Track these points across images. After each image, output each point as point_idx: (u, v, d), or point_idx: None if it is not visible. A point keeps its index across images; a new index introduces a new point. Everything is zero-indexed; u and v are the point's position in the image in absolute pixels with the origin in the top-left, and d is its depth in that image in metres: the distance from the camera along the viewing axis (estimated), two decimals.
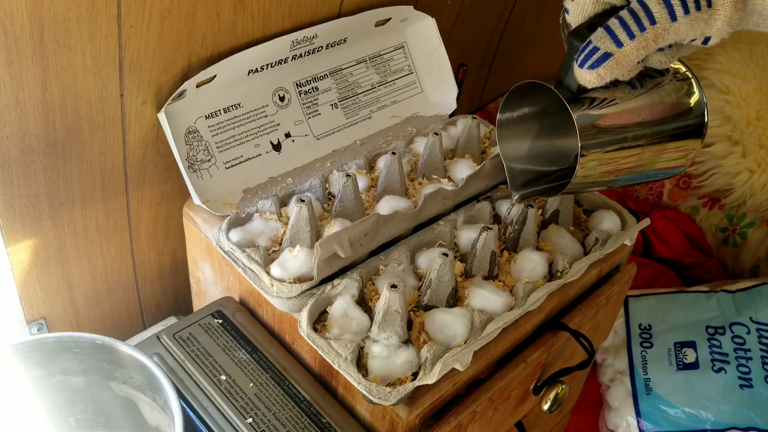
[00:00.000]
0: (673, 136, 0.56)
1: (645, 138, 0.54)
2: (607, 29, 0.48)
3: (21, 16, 0.51)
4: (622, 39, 0.48)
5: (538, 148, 0.63)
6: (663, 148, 0.56)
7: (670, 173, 0.59)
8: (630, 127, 0.53)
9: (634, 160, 0.55)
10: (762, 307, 0.99)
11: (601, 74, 0.48)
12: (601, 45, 0.48)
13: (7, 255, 0.63)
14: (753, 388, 0.92)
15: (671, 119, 0.55)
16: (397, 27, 0.81)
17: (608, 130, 0.52)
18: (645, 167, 0.56)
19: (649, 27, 0.47)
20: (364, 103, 0.80)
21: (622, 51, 0.48)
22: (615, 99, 0.53)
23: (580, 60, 0.49)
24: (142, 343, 0.60)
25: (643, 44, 0.48)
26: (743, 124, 1.12)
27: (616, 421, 0.99)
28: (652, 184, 1.25)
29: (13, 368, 0.52)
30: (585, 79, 0.49)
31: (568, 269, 0.62)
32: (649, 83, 0.54)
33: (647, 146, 0.55)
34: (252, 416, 0.55)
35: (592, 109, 0.52)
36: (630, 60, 0.48)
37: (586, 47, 0.49)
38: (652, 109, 0.54)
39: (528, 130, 0.62)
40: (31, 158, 0.59)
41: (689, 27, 0.47)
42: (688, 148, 0.58)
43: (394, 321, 0.54)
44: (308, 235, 0.60)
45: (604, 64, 0.48)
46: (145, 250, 0.74)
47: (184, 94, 0.64)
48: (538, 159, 0.63)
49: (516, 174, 0.62)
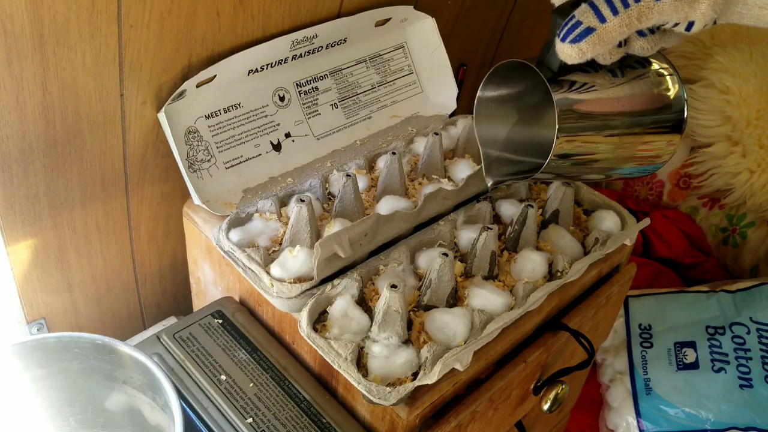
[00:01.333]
0: (651, 128, 0.55)
1: (623, 128, 0.54)
2: (590, 4, 0.48)
3: (21, 16, 0.51)
4: (606, 14, 0.47)
5: (515, 135, 0.62)
6: (640, 140, 0.55)
7: (647, 169, 0.59)
8: (609, 115, 0.53)
9: (610, 149, 0.54)
10: (762, 307, 0.99)
11: (582, 49, 0.48)
12: (584, 19, 0.48)
13: (7, 255, 0.63)
14: (753, 388, 0.92)
15: (650, 112, 0.55)
16: (397, 27, 0.81)
17: (586, 115, 0.52)
18: (620, 159, 0.56)
19: (633, 4, 0.47)
20: (364, 103, 0.80)
21: (605, 27, 0.47)
22: (595, 85, 0.52)
23: (562, 34, 0.49)
24: (142, 343, 0.60)
25: (627, 21, 0.47)
26: (743, 124, 1.11)
27: (616, 421, 0.99)
28: (652, 184, 1.25)
29: (13, 368, 0.52)
30: (566, 54, 0.49)
31: (568, 269, 0.62)
32: (630, 73, 0.54)
33: (625, 136, 0.54)
34: (252, 416, 0.55)
35: (571, 92, 0.51)
36: (612, 36, 0.48)
37: (568, 21, 0.48)
38: (632, 100, 0.54)
39: (507, 116, 0.61)
40: (31, 158, 0.59)
41: (673, 8, 0.47)
42: (666, 143, 0.57)
43: (394, 321, 0.54)
44: (308, 235, 0.60)
45: (587, 39, 0.48)
46: (145, 250, 0.74)
47: (184, 94, 0.64)
48: (515, 147, 0.62)
49: (492, 160, 0.61)
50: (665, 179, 1.24)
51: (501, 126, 0.61)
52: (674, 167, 1.23)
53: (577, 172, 0.56)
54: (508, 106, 0.60)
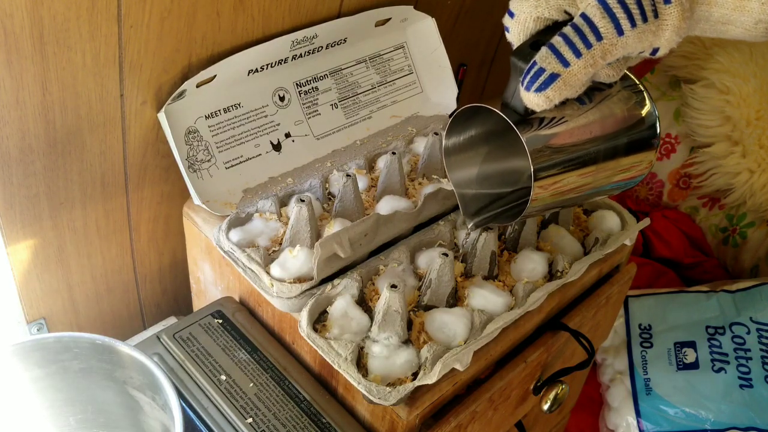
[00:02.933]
0: (626, 149, 0.54)
1: (598, 154, 0.52)
2: (551, 48, 0.46)
3: (21, 16, 0.51)
4: (569, 58, 0.45)
5: (488, 170, 0.60)
6: (618, 163, 0.54)
7: (627, 185, 0.57)
8: (582, 144, 0.51)
9: (590, 178, 0.53)
10: (762, 307, 0.99)
11: (549, 96, 0.46)
12: (547, 66, 0.46)
13: (7, 255, 0.63)
14: (753, 388, 0.92)
15: (623, 132, 0.53)
16: (397, 27, 0.81)
17: (560, 150, 0.50)
18: (601, 183, 0.54)
19: (595, 43, 0.45)
20: (364, 103, 0.80)
21: (569, 71, 0.45)
22: (564, 117, 0.50)
23: (525, 83, 0.46)
24: (142, 343, 0.60)
25: (591, 62, 0.45)
26: (743, 124, 1.12)
27: (616, 421, 0.99)
28: (652, 185, 1.25)
29: (13, 368, 0.52)
30: (533, 103, 0.47)
31: (568, 269, 0.62)
32: (597, 97, 0.52)
33: (601, 162, 0.53)
34: (252, 416, 0.55)
35: (541, 129, 0.49)
36: (578, 79, 0.46)
37: (530, 69, 0.46)
38: (603, 123, 0.52)
39: (476, 153, 0.59)
40: (31, 158, 0.59)
41: (637, 40, 0.45)
42: (643, 159, 0.56)
43: (394, 321, 0.54)
44: (308, 235, 0.60)
45: (552, 86, 0.46)
46: (145, 250, 0.74)
47: (184, 94, 0.64)
48: (489, 181, 0.60)
49: (468, 200, 0.59)
50: (665, 179, 1.24)
51: (472, 164, 0.59)
52: (674, 167, 1.23)
53: (559, 204, 0.55)
54: (476, 144, 0.59)
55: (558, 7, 0.48)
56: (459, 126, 0.56)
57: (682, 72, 1.20)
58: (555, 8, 0.48)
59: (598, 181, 0.54)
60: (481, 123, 0.57)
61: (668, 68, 1.22)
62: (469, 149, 0.58)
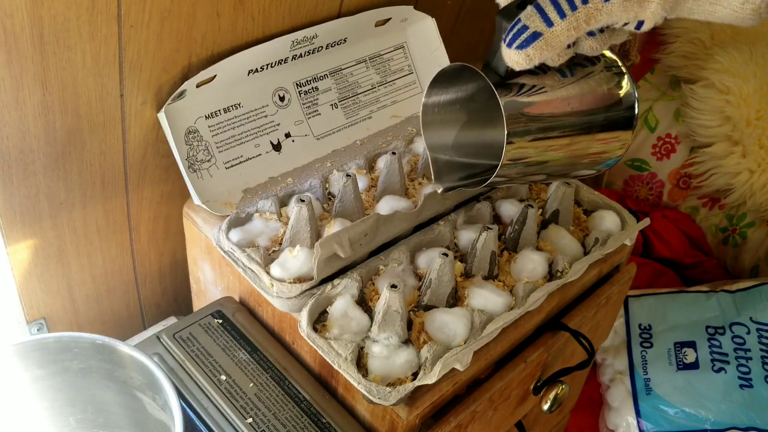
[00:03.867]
0: (602, 126, 0.54)
1: (574, 128, 0.52)
2: (537, 7, 0.46)
3: (21, 16, 0.51)
4: (553, 18, 0.45)
5: (464, 138, 0.60)
6: (592, 138, 0.54)
7: (602, 165, 0.57)
8: (559, 116, 0.51)
9: (562, 151, 0.53)
10: (762, 307, 0.99)
11: (530, 55, 0.46)
12: (531, 24, 0.46)
13: (7, 255, 0.63)
14: (753, 388, 0.92)
15: (601, 110, 0.54)
16: (397, 27, 0.81)
17: (536, 118, 0.50)
18: (573, 159, 0.55)
19: (581, 6, 0.45)
20: (364, 103, 0.80)
21: (552, 31, 0.46)
22: (544, 86, 0.51)
23: (508, 39, 0.47)
24: (142, 343, 0.60)
25: (575, 24, 0.45)
26: (743, 124, 1.12)
27: (616, 421, 0.99)
28: (652, 184, 1.25)
29: (13, 368, 0.52)
30: (513, 60, 0.47)
31: (568, 269, 0.62)
32: (579, 72, 0.53)
33: (576, 136, 0.53)
34: (252, 416, 0.55)
35: (520, 96, 0.50)
36: (560, 41, 0.46)
37: (514, 26, 0.46)
38: (582, 99, 0.52)
39: (455, 119, 0.59)
40: (31, 158, 0.59)
41: (622, 8, 0.45)
42: (619, 140, 0.56)
43: (394, 321, 0.54)
44: (308, 235, 0.60)
45: (534, 44, 0.46)
46: (145, 250, 0.74)
47: (184, 94, 0.64)
48: (465, 151, 0.60)
49: (441, 166, 0.59)
50: (665, 179, 1.24)
51: (449, 130, 0.59)
52: (674, 167, 1.23)
53: (531, 175, 0.55)
54: (455, 109, 0.58)
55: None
56: (441, 86, 0.56)
57: (682, 72, 1.20)
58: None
59: (571, 154, 0.54)
60: (463, 86, 0.57)
61: (668, 68, 1.22)
62: (448, 113, 0.58)
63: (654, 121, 1.24)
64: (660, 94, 1.24)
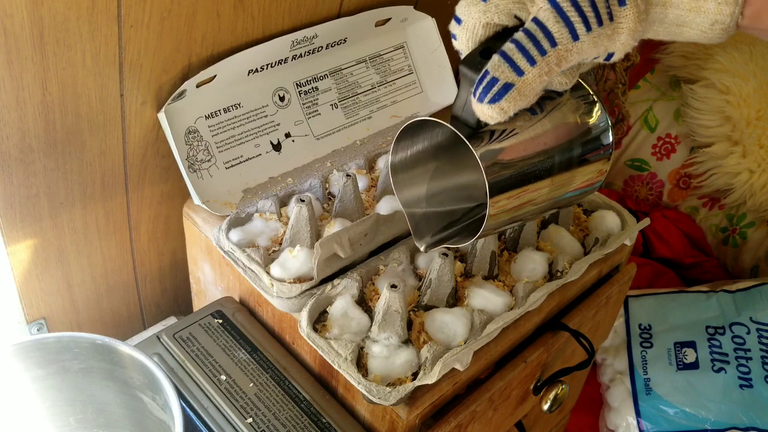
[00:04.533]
0: (580, 157, 0.52)
1: (553, 165, 0.50)
2: (504, 56, 0.43)
3: (21, 16, 0.51)
4: (523, 66, 0.43)
5: (437, 186, 0.57)
6: (572, 173, 0.52)
7: (583, 193, 0.55)
8: (536, 157, 0.49)
9: (545, 190, 0.51)
10: (762, 307, 0.99)
11: (504, 108, 0.43)
12: (500, 75, 0.43)
13: (7, 255, 0.63)
14: (753, 388, 0.92)
15: (577, 140, 0.51)
16: (397, 27, 0.81)
17: (514, 164, 0.48)
18: (556, 194, 0.52)
19: (550, 50, 0.43)
20: (364, 103, 0.80)
21: (524, 79, 0.43)
22: (515, 128, 0.48)
23: (477, 94, 0.44)
24: (142, 343, 0.60)
25: (546, 69, 0.43)
26: (743, 124, 1.12)
27: (616, 421, 0.99)
28: (652, 185, 1.25)
29: (13, 368, 0.52)
30: (486, 115, 0.44)
31: (568, 269, 0.62)
32: (548, 105, 0.50)
33: (556, 174, 0.50)
34: (252, 416, 0.55)
35: (493, 143, 0.47)
36: (533, 88, 0.44)
37: (482, 79, 0.43)
38: (555, 133, 0.50)
39: (424, 169, 0.56)
40: (31, 158, 0.59)
41: (593, 45, 0.43)
42: (599, 168, 0.53)
43: (394, 321, 0.54)
44: (308, 235, 0.60)
45: (506, 97, 0.43)
46: (145, 250, 0.74)
47: (184, 94, 0.64)
48: (439, 199, 0.56)
49: (419, 220, 0.55)
50: (665, 179, 1.24)
51: (421, 182, 0.56)
52: (674, 167, 1.23)
53: (515, 220, 0.52)
54: (423, 160, 0.55)
55: (508, 11, 0.45)
56: (406, 141, 0.53)
57: (682, 72, 1.20)
58: (505, 13, 0.46)
59: (554, 192, 0.52)
60: (428, 136, 0.54)
61: (668, 68, 1.22)
62: (417, 165, 0.55)
63: (654, 121, 1.24)
64: (660, 94, 1.24)
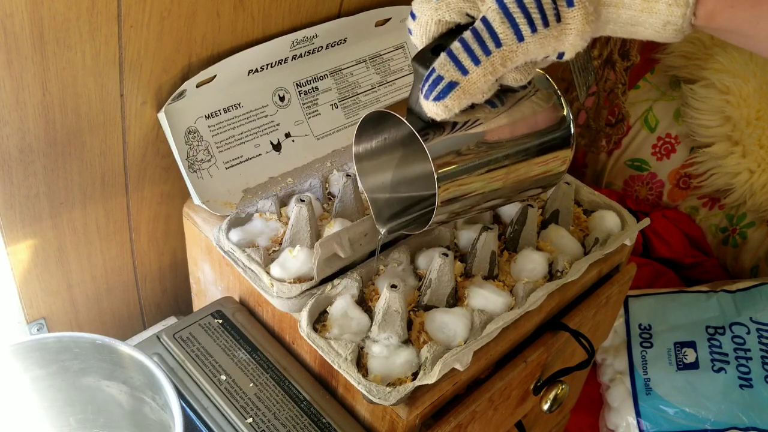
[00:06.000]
0: (539, 150, 0.52)
1: (510, 157, 0.51)
2: (450, 55, 0.44)
3: (21, 16, 0.51)
4: (467, 66, 0.43)
5: (402, 174, 0.58)
6: (531, 163, 0.52)
7: (546, 184, 0.56)
8: (493, 148, 0.49)
9: (501, 181, 0.51)
10: (762, 307, 0.99)
11: (448, 105, 0.44)
12: (445, 73, 0.44)
13: (7, 255, 0.63)
14: (753, 388, 0.92)
15: (536, 135, 0.52)
16: (397, 27, 0.81)
17: (469, 154, 0.48)
18: (516, 185, 0.53)
19: (494, 50, 0.43)
20: (364, 103, 0.80)
21: (468, 79, 0.43)
22: (477, 119, 0.48)
23: (424, 90, 0.44)
24: (142, 343, 0.60)
25: (490, 69, 0.44)
26: (743, 124, 1.12)
27: (616, 421, 0.99)
28: (652, 185, 1.25)
29: (12, 368, 0.52)
30: (432, 111, 0.45)
31: (568, 269, 0.62)
32: (510, 99, 0.50)
33: (513, 165, 0.51)
34: (252, 416, 0.55)
35: (450, 134, 0.47)
36: (478, 87, 0.44)
37: (429, 76, 0.44)
38: (514, 127, 0.50)
39: (391, 157, 0.57)
40: (31, 158, 0.59)
41: (539, 45, 0.43)
42: (558, 158, 0.54)
43: (394, 321, 0.54)
44: (308, 235, 0.60)
45: (451, 95, 0.44)
46: (145, 250, 0.74)
47: (184, 94, 0.64)
48: (404, 186, 0.57)
49: (381, 205, 0.57)
50: (665, 179, 1.24)
51: (386, 170, 0.57)
52: (674, 167, 1.23)
53: (473, 207, 0.53)
54: (389, 148, 0.56)
55: (459, 10, 0.46)
56: (369, 131, 0.54)
57: (682, 72, 1.20)
58: (456, 11, 0.46)
59: (511, 182, 0.52)
60: (394, 127, 0.55)
61: (668, 68, 1.22)
62: (383, 153, 0.56)
63: (654, 121, 1.24)
64: (660, 94, 1.24)
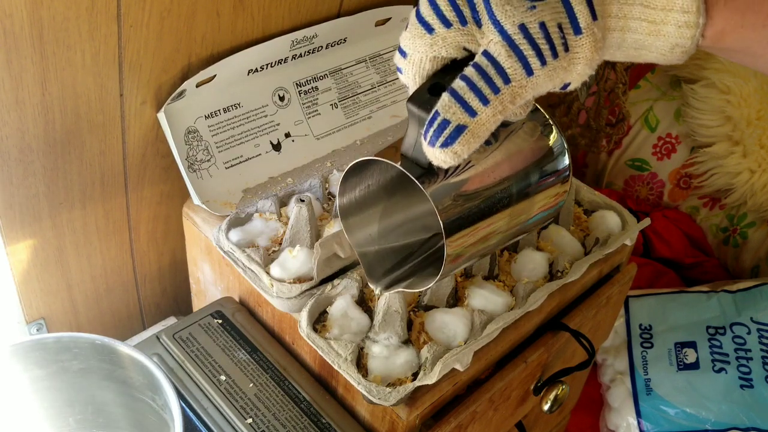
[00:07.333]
0: (539, 183, 0.49)
1: (511, 195, 0.47)
2: (454, 95, 0.39)
3: (21, 16, 0.51)
4: (475, 106, 0.39)
5: (389, 223, 0.53)
6: (532, 200, 0.49)
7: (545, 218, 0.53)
8: (492, 188, 0.46)
9: (504, 222, 0.48)
10: (763, 307, 0.99)
11: (457, 152, 0.40)
12: (452, 117, 0.39)
13: (7, 255, 0.63)
14: (753, 388, 0.92)
15: (533, 167, 0.48)
16: (397, 27, 0.81)
17: (470, 199, 0.45)
18: (517, 224, 0.49)
19: (503, 87, 0.39)
20: (364, 103, 0.79)
21: (477, 120, 0.39)
22: (470, 161, 0.45)
23: (429, 137, 0.40)
24: (142, 343, 0.60)
25: (500, 108, 0.40)
26: (743, 124, 1.11)
27: (616, 422, 0.99)
28: (652, 185, 1.25)
29: (12, 368, 0.52)
30: (440, 159, 0.40)
31: (569, 269, 0.62)
32: (502, 134, 0.47)
33: (515, 203, 0.48)
34: (252, 416, 0.55)
35: (447, 179, 0.44)
36: (488, 128, 0.40)
37: (433, 121, 0.40)
38: (510, 163, 0.47)
39: (374, 207, 0.52)
40: (30, 158, 0.59)
41: (548, 78, 0.40)
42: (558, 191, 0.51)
43: (394, 321, 0.54)
44: (308, 235, 0.60)
45: (460, 140, 0.39)
46: (145, 250, 0.74)
47: (184, 94, 0.64)
48: (394, 234, 0.53)
49: (372, 260, 0.51)
50: (666, 179, 1.24)
51: (372, 220, 0.52)
52: (675, 167, 1.23)
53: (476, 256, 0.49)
54: (373, 197, 0.51)
55: (456, 44, 0.42)
56: (352, 180, 0.49)
57: (683, 72, 1.19)
58: (453, 46, 0.42)
59: (514, 221, 0.49)
60: (377, 172, 0.50)
61: (669, 68, 1.22)
62: (367, 204, 0.51)
63: (654, 121, 1.24)
64: (660, 94, 1.24)
